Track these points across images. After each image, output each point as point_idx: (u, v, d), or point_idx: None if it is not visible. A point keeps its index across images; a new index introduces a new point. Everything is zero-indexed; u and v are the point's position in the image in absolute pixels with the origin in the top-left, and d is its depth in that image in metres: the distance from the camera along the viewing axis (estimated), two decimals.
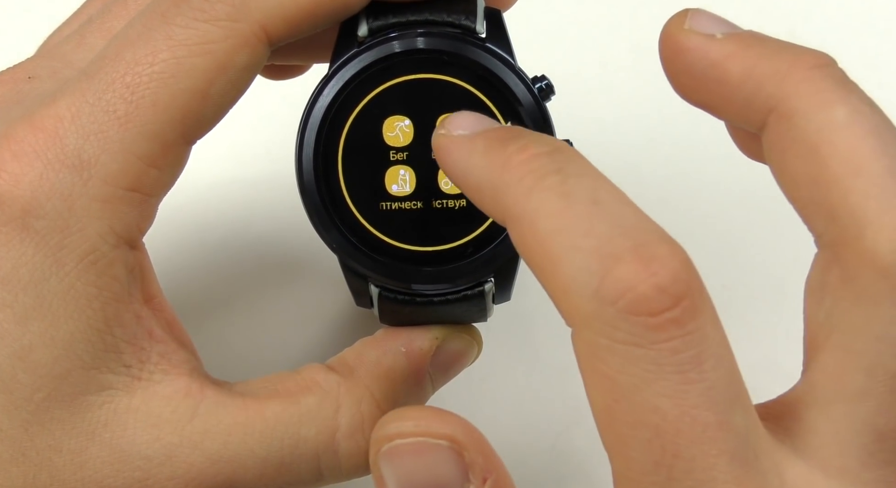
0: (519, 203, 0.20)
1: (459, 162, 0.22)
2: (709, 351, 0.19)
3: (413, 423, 0.21)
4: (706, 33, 0.22)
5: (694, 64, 0.22)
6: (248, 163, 0.39)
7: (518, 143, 0.21)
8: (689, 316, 0.18)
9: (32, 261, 0.23)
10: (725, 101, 0.22)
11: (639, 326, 0.18)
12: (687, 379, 0.18)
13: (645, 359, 0.18)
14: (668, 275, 0.18)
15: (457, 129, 0.22)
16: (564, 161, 0.20)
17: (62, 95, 0.24)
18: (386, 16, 0.26)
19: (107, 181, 0.24)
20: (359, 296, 0.28)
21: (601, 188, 0.20)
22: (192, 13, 0.24)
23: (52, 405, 0.23)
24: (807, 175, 0.20)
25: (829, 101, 0.20)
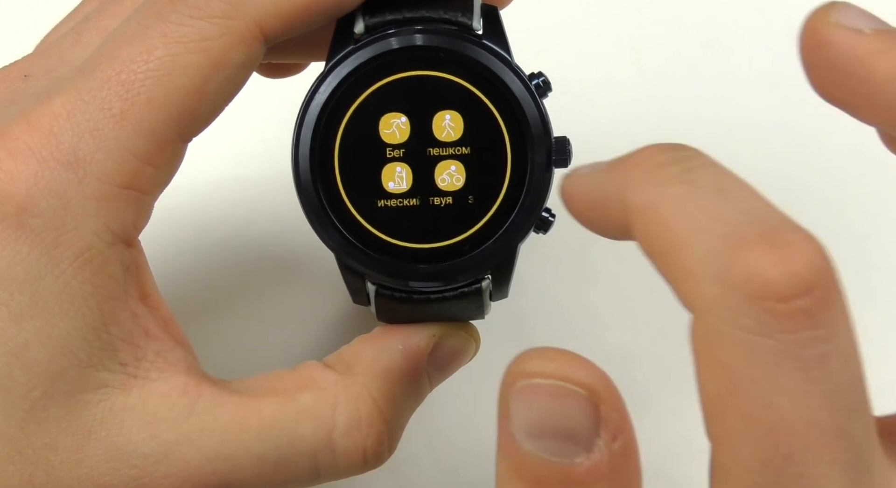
0: (641, 192, 0.19)
1: (586, 189, 0.21)
2: (838, 350, 0.18)
3: (556, 365, 0.19)
4: (853, 27, 0.21)
5: (838, 59, 0.21)
6: (246, 161, 0.39)
7: (637, 150, 0.20)
8: (820, 307, 0.17)
9: (28, 259, 0.23)
10: (870, 100, 0.21)
11: (766, 313, 0.17)
12: (811, 378, 0.17)
13: (768, 351, 0.17)
14: (800, 260, 0.17)
15: (582, 169, 0.22)
16: (687, 155, 0.20)
17: (57, 93, 0.24)
18: (382, 13, 0.26)
19: (102, 179, 0.24)
20: (356, 294, 0.27)
21: (727, 178, 0.19)
22: (187, 10, 0.24)
23: (48, 403, 0.23)
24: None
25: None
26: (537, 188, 0.26)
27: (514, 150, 0.26)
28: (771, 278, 0.17)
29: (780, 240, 0.18)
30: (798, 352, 0.17)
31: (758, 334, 0.17)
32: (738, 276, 0.17)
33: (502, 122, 0.26)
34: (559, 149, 0.26)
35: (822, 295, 0.17)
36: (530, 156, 0.26)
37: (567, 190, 0.23)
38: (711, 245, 0.18)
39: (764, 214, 0.18)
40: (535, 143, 0.26)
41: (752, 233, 0.18)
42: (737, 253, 0.18)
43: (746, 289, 0.17)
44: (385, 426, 0.26)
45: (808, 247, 0.18)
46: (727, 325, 0.18)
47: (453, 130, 0.26)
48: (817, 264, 0.17)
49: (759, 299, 0.17)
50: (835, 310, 0.18)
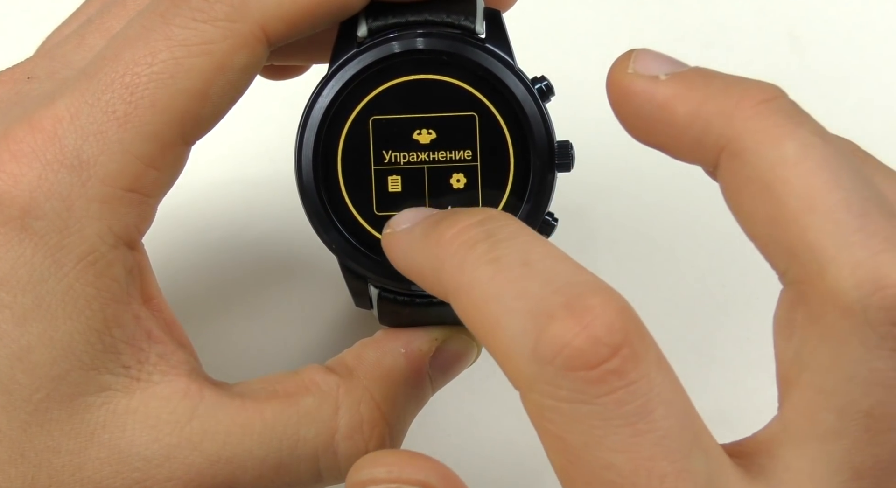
0: (454, 276, 0.20)
1: (405, 254, 0.22)
2: (657, 398, 0.18)
3: (385, 470, 0.20)
4: (650, 75, 0.22)
5: (641, 107, 0.22)
6: (248, 163, 0.39)
7: (448, 220, 0.21)
8: (630, 365, 0.18)
9: (31, 261, 0.23)
10: (676, 142, 0.22)
11: (579, 382, 0.18)
12: (637, 431, 0.18)
13: (591, 416, 0.18)
14: (601, 325, 0.18)
15: (400, 225, 0.23)
16: (494, 227, 0.20)
17: (61, 96, 0.24)
18: (385, 16, 0.26)
19: (105, 182, 0.24)
20: (358, 297, 0.27)
21: (531, 248, 0.20)
22: (190, 13, 0.24)
23: (50, 406, 0.23)
24: (764, 214, 0.20)
25: (779, 137, 0.20)
26: (539, 192, 0.26)
27: (516, 154, 0.26)
28: (577, 348, 0.18)
29: (580, 308, 0.18)
30: (618, 409, 0.18)
31: (578, 402, 0.18)
32: (548, 352, 0.18)
33: (505, 126, 0.26)
34: (562, 153, 0.26)
35: (628, 352, 0.18)
36: (533, 160, 0.26)
37: (388, 248, 0.24)
38: (520, 324, 0.19)
39: (566, 281, 0.19)
40: (538, 147, 0.26)
41: (554, 305, 0.18)
42: (543, 329, 0.18)
43: (557, 363, 0.18)
44: (387, 429, 0.26)
45: (608, 309, 0.18)
46: (549, 399, 0.18)
47: None
48: (618, 325, 0.18)
49: (570, 370, 0.18)
50: (645, 362, 0.18)
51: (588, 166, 0.23)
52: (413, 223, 0.23)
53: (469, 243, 0.20)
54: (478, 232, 0.20)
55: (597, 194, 0.38)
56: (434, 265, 0.21)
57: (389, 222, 0.24)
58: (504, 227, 0.21)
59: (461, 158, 0.26)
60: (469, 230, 0.21)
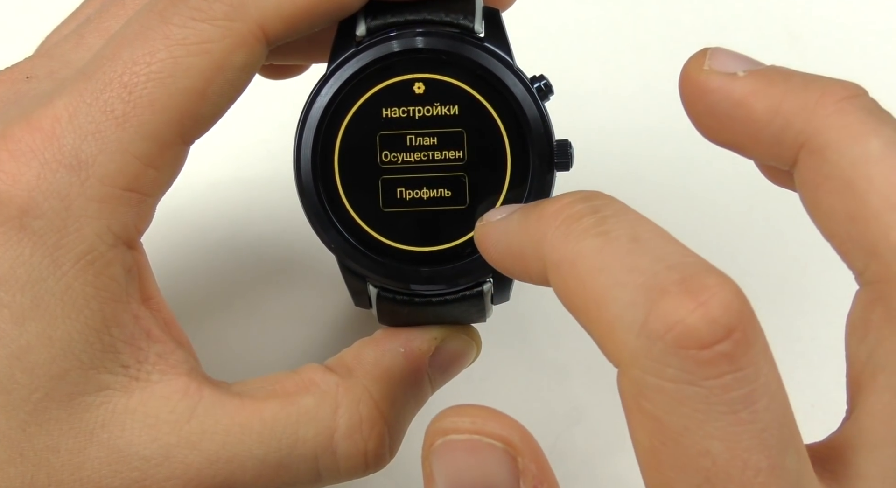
0: (557, 248, 0.20)
1: (500, 239, 0.22)
2: (762, 389, 0.18)
3: (470, 420, 0.20)
4: (727, 72, 0.21)
5: (718, 104, 0.21)
6: (247, 162, 0.39)
7: (550, 200, 0.21)
8: (741, 349, 0.18)
9: (30, 261, 0.23)
10: (753, 140, 0.21)
11: (689, 361, 0.17)
12: (739, 420, 0.18)
13: (695, 398, 0.18)
14: (718, 305, 0.18)
15: (494, 216, 0.23)
16: (600, 204, 0.20)
17: (60, 95, 0.24)
18: (384, 15, 0.26)
19: (104, 181, 0.24)
20: (357, 297, 0.27)
21: (640, 225, 0.19)
22: (189, 12, 0.24)
23: (49, 405, 0.23)
24: (843, 211, 0.20)
25: (862, 134, 0.20)
26: (538, 191, 0.26)
27: (514, 153, 0.26)
28: (691, 326, 0.17)
29: (696, 286, 0.18)
30: (724, 395, 0.17)
31: (683, 382, 0.18)
32: (659, 327, 0.18)
33: (503, 125, 0.26)
34: (561, 152, 0.26)
35: (741, 337, 0.18)
36: (532, 159, 0.26)
37: (482, 239, 0.23)
38: (630, 297, 0.18)
39: (679, 260, 0.18)
40: (537, 146, 0.26)
41: (668, 280, 0.18)
42: (655, 303, 0.18)
43: (668, 339, 0.18)
44: (386, 428, 0.26)
45: (725, 290, 0.18)
46: (652, 377, 0.18)
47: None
48: (734, 307, 0.18)
49: (681, 348, 0.17)
50: (755, 350, 0.18)
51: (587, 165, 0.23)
52: (509, 213, 0.22)
53: (575, 216, 0.20)
54: (583, 207, 0.20)
55: None
56: (535, 240, 0.20)
57: (483, 216, 0.24)
58: (610, 204, 0.20)
59: (460, 157, 0.26)
60: (574, 205, 0.20)
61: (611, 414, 0.35)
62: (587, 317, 0.19)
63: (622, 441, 0.30)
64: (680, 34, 0.41)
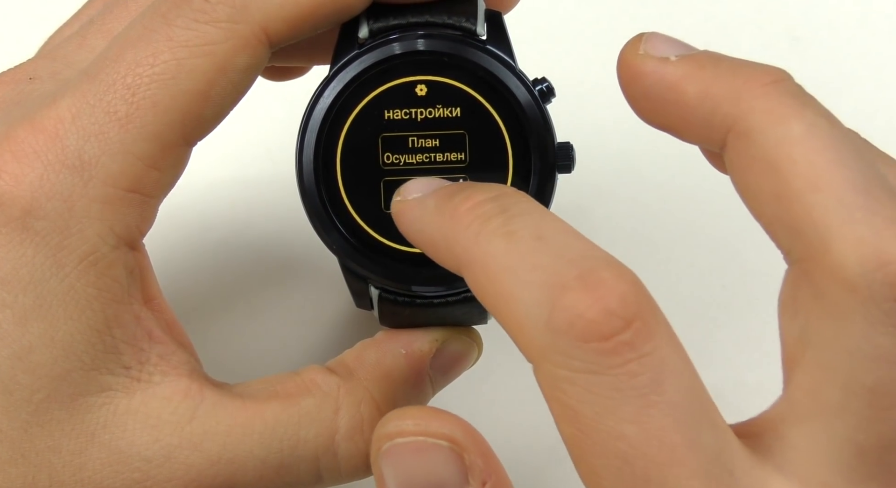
0: (469, 249, 0.20)
1: (415, 222, 0.22)
2: (668, 370, 0.18)
3: (413, 422, 0.21)
4: (661, 56, 0.22)
5: (651, 87, 0.22)
6: (248, 163, 0.39)
7: (463, 194, 0.21)
8: (642, 337, 0.18)
9: (32, 261, 0.23)
10: (685, 122, 0.22)
11: (593, 353, 0.18)
12: (649, 402, 0.18)
13: (604, 386, 0.18)
14: (615, 298, 0.18)
15: (410, 194, 0.23)
16: (508, 203, 0.21)
17: (63, 96, 0.24)
18: (387, 17, 0.26)
19: (107, 182, 0.24)
20: (359, 298, 0.27)
21: (545, 223, 0.20)
22: (192, 14, 0.24)
23: (51, 406, 0.23)
24: (769, 192, 0.20)
25: (786, 117, 0.20)
26: (540, 194, 0.26)
27: (516, 156, 0.26)
28: (590, 319, 0.18)
29: (593, 281, 0.18)
30: (631, 380, 0.18)
31: (591, 372, 0.18)
32: (562, 323, 0.18)
33: (505, 127, 0.26)
34: (562, 154, 0.26)
35: (640, 325, 0.18)
36: (534, 161, 0.26)
37: (398, 216, 0.23)
38: (534, 296, 0.19)
39: (579, 255, 0.19)
40: (539, 149, 0.26)
41: (568, 276, 0.19)
42: (556, 300, 0.18)
43: (571, 334, 0.18)
44: None
45: (621, 282, 0.19)
46: (562, 369, 0.19)
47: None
48: (630, 297, 0.18)
49: (584, 341, 0.18)
50: (657, 335, 0.18)
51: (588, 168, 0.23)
52: (424, 192, 0.23)
53: (484, 217, 0.20)
54: (493, 206, 0.21)
55: (597, 196, 0.38)
56: (448, 236, 0.21)
57: (399, 189, 0.24)
58: (518, 203, 0.21)
59: (461, 159, 0.26)
60: (484, 204, 0.21)
61: None
62: (500, 316, 0.20)
63: None
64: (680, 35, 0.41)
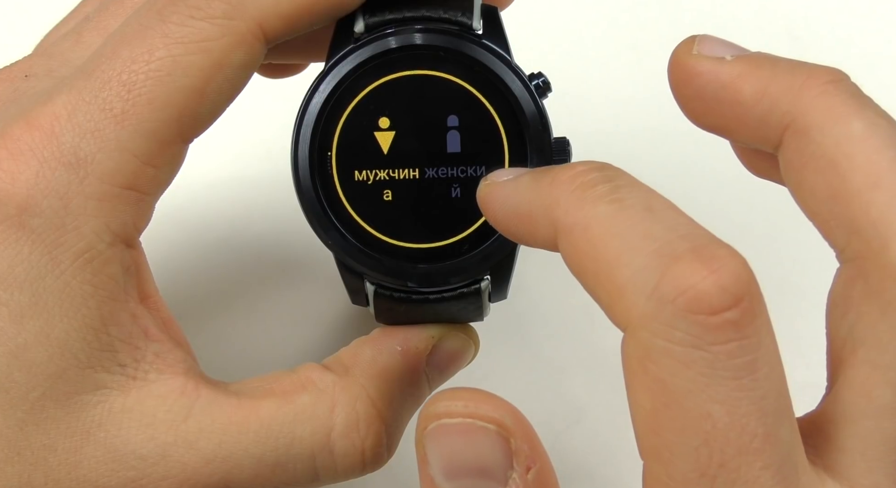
0: (571, 212, 0.20)
1: (508, 200, 0.22)
2: (763, 358, 0.18)
3: (463, 403, 0.20)
4: (715, 56, 0.22)
5: (705, 87, 0.22)
6: (245, 161, 0.39)
7: (563, 166, 0.21)
8: (748, 318, 0.18)
9: (28, 259, 0.23)
10: (740, 122, 0.22)
11: (697, 326, 0.18)
12: (741, 386, 0.18)
13: (701, 362, 0.18)
14: (728, 274, 0.18)
15: (501, 177, 0.23)
16: (614, 174, 0.20)
17: (59, 93, 0.24)
18: (382, 12, 0.26)
19: (103, 179, 0.24)
20: (355, 294, 0.27)
21: (654, 197, 0.20)
22: (188, 11, 0.24)
23: (47, 404, 0.23)
24: (826, 190, 0.20)
25: (846, 115, 0.20)
26: None
27: (512, 150, 0.26)
28: (702, 291, 0.18)
29: (708, 255, 0.18)
30: (729, 361, 0.18)
31: (691, 346, 0.18)
32: (671, 291, 0.18)
33: (501, 122, 0.26)
34: (559, 149, 0.26)
35: (748, 306, 0.18)
36: (530, 156, 0.26)
37: (486, 199, 0.23)
38: (643, 262, 0.19)
39: (691, 231, 0.19)
40: (535, 143, 0.26)
41: (681, 248, 0.18)
42: (668, 268, 0.18)
43: (679, 303, 0.18)
44: (383, 427, 0.26)
45: (735, 260, 0.18)
46: (661, 339, 0.18)
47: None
48: (744, 277, 0.18)
49: (691, 312, 0.18)
50: (760, 320, 0.18)
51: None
52: (516, 175, 0.22)
53: (589, 184, 0.20)
54: (598, 175, 0.20)
55: None
56: (546, 203, 0.21)
57: (488, 176, 0.23)
58: (623, 175, 0.21)
59: (457, 153, 0.26)
60: (589, 173, 0.20)
61: (611, 413, 0.35)
62: (596, 281, 0.19)
63: (622, 441, 0.29)
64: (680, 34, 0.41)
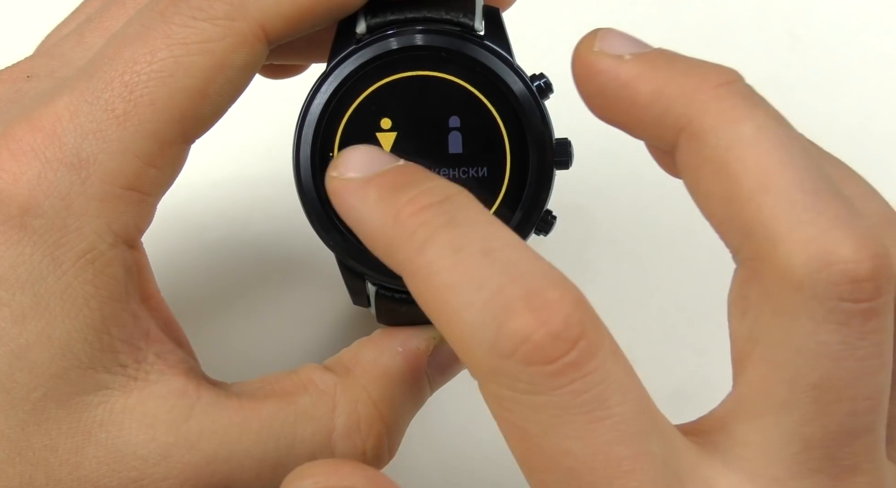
0: (412, 259, 0.20)
1: (354, 209, 0.22)
2: (612, 386, 0.19)
3: (312, 481, 0.21)
4: (615, 54, 0.22)
5: (605, 85, 0.22)
6: (247, 162, 0.39)
7: (409, 194, 0.21)
8: (586, 356, 0.19)
9: (30, 259, 0.23)
10: (638, 121, 0.22)
11: (538, 375, 0.18)
12: (594, 418, 0.19)
13: (549, 405, 0.19)
14: (560, 320, 0.19)
15: (348, 172, 0.22)
16: (455, 210, 0.20)
17: (61, 94, 0.24)
18: (384, 13, 0.26)
19: (105, 180, 0.24)
20: (356, 295, 0.27)
21: (492, 236, 0.20)
22: (190, 12, 0.24)
23: (48, 404, 0.23)
24: (719, 192, 0.21)
25: (736, 118, 0.20)
26: (538, 190, 0.26)
27: (514, 151, 0.26)
28: (536, 343, 0.18)
29: (538, 304, 0.19)
30: (576, 399, 0.18)
31: (536, 393, 0.19)
32: (508, 346, 0.19)
33: (503, 123, 0.26)
34: (560, 150, 0.26)
35: (585, 344, 0.19)
36: (531, 157, 0.26)
37: (335, 195, 0.22)
38: (479, 317, 0.19)
39: (525, 271, 0.19)
40: (536, 144, 0.26)
41: (514, 297, 0.19)
42: (502, 323, 0.19)
43: (517, 357, 0.18)
44: (384, 428, 0.26)
45: (565, 301, 0.19)
46: (508, 390, 0.19)
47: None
48: (575, 319, 0.19)
49: (529, 364, 0.18)
50: (601, 353, 0.19)
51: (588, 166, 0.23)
52: (363, 172, 0.22)
53: (430, 225, 0.20)
54: (438, 213, 0.20)
55: (596, 193, 0.38)
56: (389, 239, 0.21)
57: (335, 162, 0.23)
58: (464, 211, 0.21)
59: (459, 154, 0.26)
60: (430, 209, 0.21)
61: None
62: (444, 331, 0.20)
63: None
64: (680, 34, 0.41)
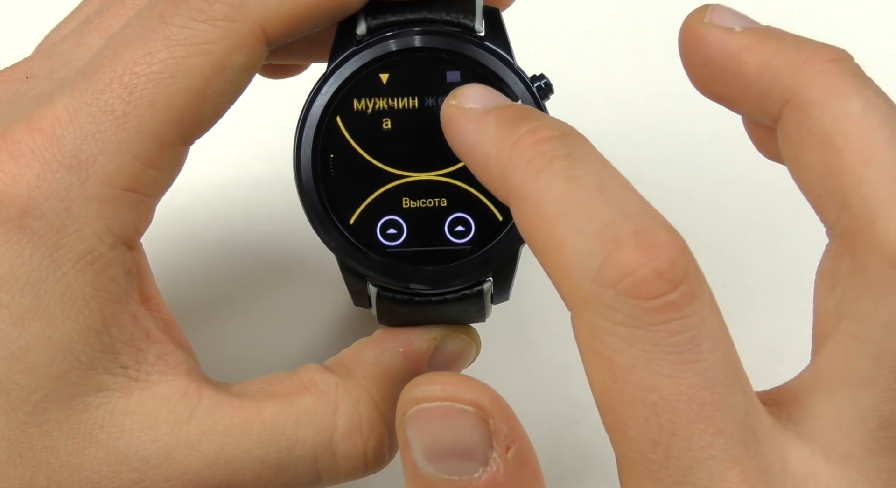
0: (526, 184, 0.20)
1: (469, 136, 0.22)
2: (705, 333, 0.19)
3: (440, 387, 0.21)
4: (725, 26, 0.22)
5: (712, 56, 0.22)
6: (247, 162, 0.39)
7: (529, 125, 0.21)
8: (686, 300, 0.19)
9: (30, 261, 0.23)
10: (742, 92, 0.22)
11: (637, 308, 0.19)
12: (684, 359, 0.19)
13: (643, 340, 0.19)
14: (666, 260, 0.19)
15: (468, 102, 0.23)
16: (573, 146, 0.21)
17: (60, 95, 0.24)
18: (385, 14, 0.26)
19: (104, 181, 0.24)
20: (357, 296, 0.27)
21: (607, 174, 0.20)
22: (189, 13, 0.24)
23: (49, 406, 0.23)
24: (820, 165, 0.21)
25: (845, 93, 0.21)
26: None
27: None
28: (641, 277, 0.19)
29: (648, 241, 0.19)
30: (669, 338, 0.19)
31: (632, 326, 0.19)
32: (612, 276, 0.19)
33: None
34: None
35: (686, 289, 0.19)
36: None
37: (450, 121, 0.23)
38: (587, 245, 0.19)
39: (637, 212, 0.19)
40: None
41: (624, 232, 0.19)
42: (611, 254, 0.19)
43: (619, 288, 0.19)
44: (386, 429, 0.26)
45: (674, 245, 0.19)
46: (604, 320, 0.19)
47: None
48: (681, 263, 0.19)
49: (630, 296, 0.19)
50: (700, 300, 0.19)
51: None
52: (484, 104, 0.23)
53: (548, 156, 0.20)
54: (557, 145, 0.21)
55: None
56: (503, 164, 0.21)
57: (455, 92, 0.23)
58: (582, 147, 0.21)
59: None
60: (549, 142, 0.21)
61: None
62: (545, 257, 0.20)
63: None
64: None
